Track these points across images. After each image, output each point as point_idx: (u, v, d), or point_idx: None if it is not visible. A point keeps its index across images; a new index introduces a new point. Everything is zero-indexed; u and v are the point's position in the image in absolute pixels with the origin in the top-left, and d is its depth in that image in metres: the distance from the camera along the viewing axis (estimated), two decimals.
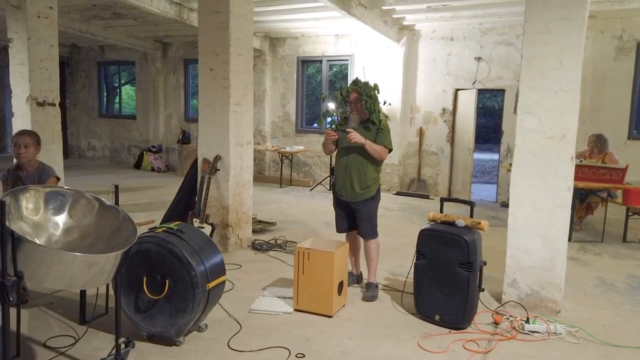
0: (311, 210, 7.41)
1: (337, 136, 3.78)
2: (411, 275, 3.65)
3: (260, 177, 10.41)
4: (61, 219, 2.47)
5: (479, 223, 3.35)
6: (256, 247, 5.12)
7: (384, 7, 7.68)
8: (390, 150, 3.87)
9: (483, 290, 3.47)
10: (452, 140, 8.89)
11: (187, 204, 5.04)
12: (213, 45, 4.73)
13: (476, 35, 8.49)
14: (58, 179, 3.75)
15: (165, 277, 2.78)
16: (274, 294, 3.78)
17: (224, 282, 3.03)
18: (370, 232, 3.93)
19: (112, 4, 8.01)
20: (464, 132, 8.48)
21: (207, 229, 4.60)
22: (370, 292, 3.89)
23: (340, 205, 4.01)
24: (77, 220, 2.52)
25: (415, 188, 9.19)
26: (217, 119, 4.79)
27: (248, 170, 5.09)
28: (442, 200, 3.77)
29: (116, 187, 2.62)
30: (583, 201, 6.34)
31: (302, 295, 3.47)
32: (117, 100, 13.97)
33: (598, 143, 6.39)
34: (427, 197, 8.85)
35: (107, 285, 3.08)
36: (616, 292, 4.22)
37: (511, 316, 3.49)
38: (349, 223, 4.02)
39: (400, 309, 3.66)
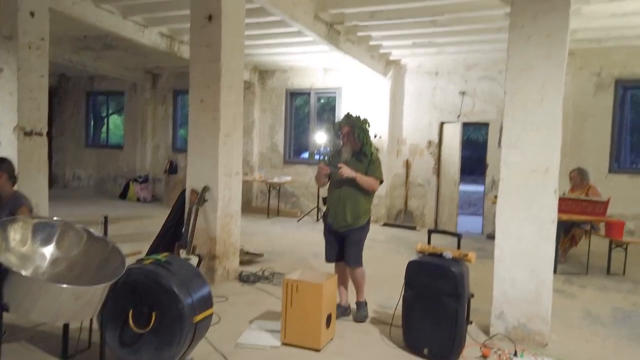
0: (299, 241, 7.39)
1: (329, 170, 3.93)
2: (399, 308, 3.64)
3: (247, 208, 10.36)
4: (49, 250, 2.44)
5: (467, 255, 3.37)
6: (243, 279, 5.07)
7: (371, 43, 7.90)
8: (381, 182, 4.01)
9: (471, 322, 3.47)
10: (438, 172, 9.01)
11: (174, 234, 5.00)
12: (204, 77, 4.80)
13: (460, 70, 8.74)
14: (30, 209, 3.63)
15: (152, 310, 2.74)
16: (261, 327, 3.73)
17: (211, 315, 3.00)
18: (356, 260, 4.03)
19: (103, 35, 8.10)
20: (449, 164, 8.61)
21: (193, 261, 4.54)
22: (360, 312, 4.06)
23: (331, 234, 4.09)
24: (65, 251, 2.49)
25: (402, 219, 9.23)
26: (207, 149, 4.81)
27: (236, 201, 5.09)
28: (430, 231, 3.80)
29: (105, 218, 2.61)
30: (567, 233, 6.42)
31: (290, 328, 3.43)
32: (104, 129, 13.96)
33: (580, 176, 6.53)
34: (414, 228, 8.89)
35: (90, 319, 3.01)
36: (602, 324, 4.24)
37: (499, 349, 3.48)
38: (339, 252, 4.08)
39: (389, 342, 3.63)
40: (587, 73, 7.78)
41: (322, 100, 16.45)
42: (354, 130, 3.94)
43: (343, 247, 4.05)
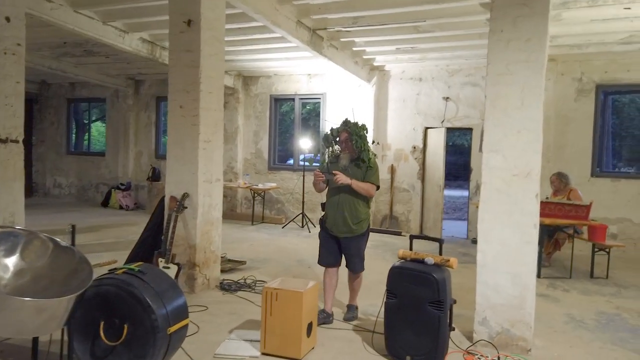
0: (283, 248, 7.31)
1: (324, 177, 3.97)
2: (382, 315, 3.59)
3: (232, 215, 10.27)
4: (12, 261, 2.34)
5: (448, 260, 3.33)
6: (224, 287, 4.98)
7: (354, 48, 7.89)
8: (378, 187, 4.10)
9: (454, 329, 3.43)
10: (422, 177, 9.00)
11: (154, 243, 4.89)
12: (183, 83, 4.72)
13: (444, 76, 8.77)
14: None
15: (124, 322, 2.64)
16: (241, 337, 3.64)
17: (186, 325, 2.91)
18: (360, 267, 4.16)
19: (83, 41, 8.00)
20: (434, 170, 8.61)
21: (173, 270, 4.45)
22: (350, 313, 4.19)
23: (330, 238, 4.12)
24: (29, 262, 2.39)
25: (388, 225, 9.20)
26: (186, 156, 4.73)
27: (217, 208, 5.00)
28: (412, 237, 3.76)
29: (73, 227, 2.51)
30: (551, 237, 6.44)
31: (270, 337, 3.35)
32: (86, 137, 13.77)
33: (560, 181, 6.56)
34: (399, 233, 8.86)
35: (62, 331, 2.91)
36: (586, 328, 4.23)
37: (482, 356, 3.44)
38: (336, 258, 4.15)
39: (371, 350, 3.57)
40: (568, 78, 7.85)
41: (308, 107, 16.45)
42: (351, 137, 4.00)
43: (340, 252, 4.13)
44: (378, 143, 9.01)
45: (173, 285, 2.92)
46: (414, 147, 9.05)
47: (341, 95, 9.51)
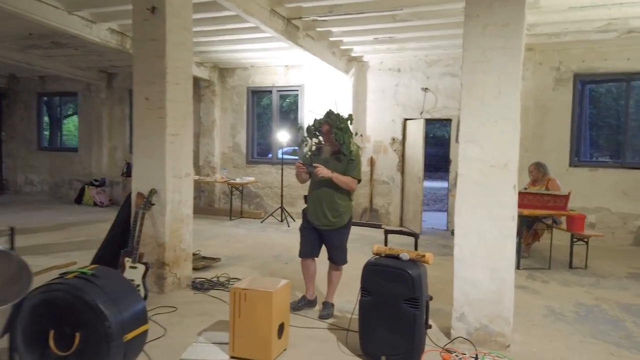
0: (261, 244, 7.13)
1: (306, 169, 3.96)
2: (357, 312, 3.45)
3: (210, 210, 10.06)
4: None
5: (424, 256, 3.21)
6: (196, 286, 4.79)
7: (331, 39, 7.71)
8: (359, 181, 4.05)
9: (430, 327, 3.31)
10: (402, 169, 8.90)
11: (121, 242, 4.67)
12: (149, 74, 4.50)
13: (422, 66, 8.65)
14: None
15: (76, 330, 2.45)
16: (209, 340, 3.47)
17: (145, 331, 2.73)
18: (342, 259, 4.13)
19: (50, 33, 7.66)
20: (413, 161, 8.50)
21: (140, 269, 4.25)
22: (325, 310, 4.08)
23: (312, 230, 4.12)
24: None
25: (368, 218, 9.08)
26: (153, 150, 4.51)
27: (187, 204, 4.80)
28: (386, 232, 3.62)
29: (12, 229, 2.31)
30: (530, 228, 6.39)
31: (239, 340, 3.19)
32: (61, 132, 13.38)
33: (538, 170, 6.50)
34: (379, 226, 8.73)
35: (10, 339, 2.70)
36: (565, 321, 4.16)
37: (460, 354, 3.33)
38: (316, 249, 4.16)
39: (346, 350, 3.43)
40: (546, 68, 7.79)
41: (289, 100, 16.23)
42: (331, 130, 3.95)
43: (321, 243, 4.13)
44: (361, 135, 8.87)
45: (130, 289, 2.73)
46: (393, 139, 8.93)
47: (319, 87, 9.34)
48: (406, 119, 8.82)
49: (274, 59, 9.28)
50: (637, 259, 6.57)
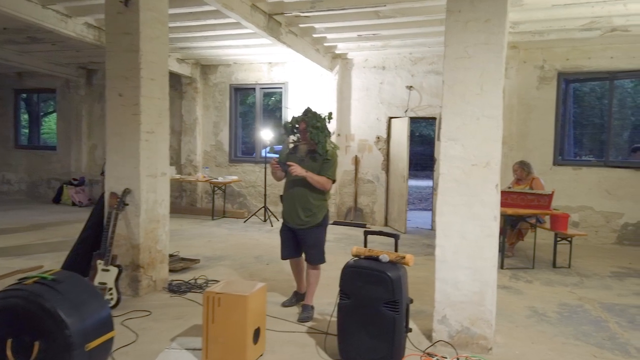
0: (242, 244, 6.99)
1: (280, 168, 3.91)
2: (335, 315, 3.34)
3: (192, 210, 9.89)
4: None
5: (404, 257, 3.11)
6: (173, 289, 4.64)
7: (314, 35, 7.58)
8: (334, 181, 3.99)
9: (410, 330, 3.21)
10: (387, 168, 8.82)
11: (94, 243, 4.51)
12: (122, 69, 4.34)
13: (407, 64, 8.57)
14: None
15: (35, 339, 2.31)
16: (183, 346, 3.34)
17: (111, 339, 2.59)
18: (318, 259, 4.04)
19: (25, 27, 7.44)
20: (398, 160, 8.43)
21: (113, 272, 4.09)
22: (305, 313, 3.99)
23: (288, 231, 4.09)
24: None
25: (352, 217, 8.99)
26: (127, 148, 4.35)
27: (163, 204, 4.65)
28: (366, 233, 3.52)
29: None
30: (514, 227, 6.34)
31: (213, 346, 3.06)
32: (42, 129, 13.11)
33: (522, 169, 6.47)
34: (363, 226, 8.66)
35: None
36: (548, 322, 4.10)
37: (441, 358, 3.24)
38: (295, 250, 4.12)
39: (324, 355, 3.32)
40: (530, 66, 7.76)
41: (274, 97, 16.07)
42: (307, 128, 3.90)
43: (299, 244, 4.07)
44: (339, 134, 8.76)
45: (95, 295, 2.59)
46: (378, 138, 8.85)
47: (303, 84, 9.22)
48: (391, 118, 8.74)
49: (257, 56, 9.13)
50: (620, 258, 6.57)
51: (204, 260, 5.90)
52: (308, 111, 3.96)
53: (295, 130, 4.03)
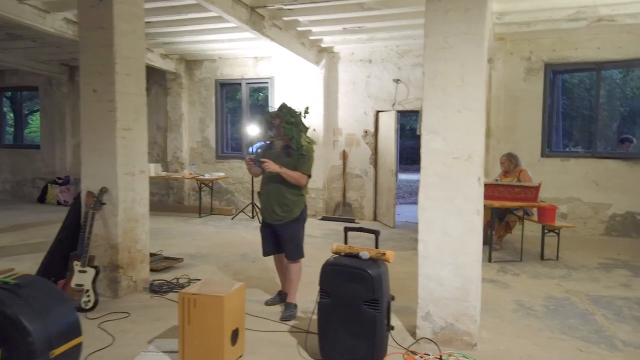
0: (228, 242, 6.90)
1: (254, 164, 3.85)
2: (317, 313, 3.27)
3: (179, 208, 9.77)
4: None
5: (384, 254, 3.03)
6: (154, 289, 4.55)
7: (299, 28, 7.47)
8: (309, 177, 3.93)
9: (393, 328, 3.14)
10: (375, 162, 8.75)
11: (72, 244, 4.39)
12: (96, 64, 4.21)
13: (394, 57, 8.48)
14: None
15: None
16: (160, 348, 3.25)
17: (79, 345, 2.49)
18: (295, 254, 3.99)
19: (3, 23, 7.25)
20: (386, 154, 8.35)
21: (90, 273, 3.99)
22: (287, 312, 3.94)
23: (266, 227, 4.06)
24: None
25: (341, 212, 8.92)
26: (103, 146, 4.24)
27: (142, 202, 4.54)
28: (346, 229, 3.44)
29: None
30: (502, 220, 6.30)
31: (189, 349, 2.98)
32: (27, 128, 12.90)
33: (510, 161, 6.42)
34: (352, 221, 8.60)
35: None
36: (534, 316, 4.05)
37: (424, 355, 3.17)
38: (275, 246, 4.07)
39: (306, 355, 3.24)
40: (517, 57, 7.70)
41: (263, 93, 15.90)
42: (281, 124, 3.86)
43: (279, 240, 4.03)
44: (315, 130, 8.63)
45: (61, 299, 2.49)
46: (366, 132, 8.76)
47: (290, 79, 9.10)
48: (378, 111, 8.66)
49: (243, 50, 9.00)
50: (608, 249, 6.55)
51: (188, 259, 5.80)
52: (283, 107, 3.93)
53: (271, 127, 3.99)
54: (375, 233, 3.26)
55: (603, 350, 3.39)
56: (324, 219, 8.76)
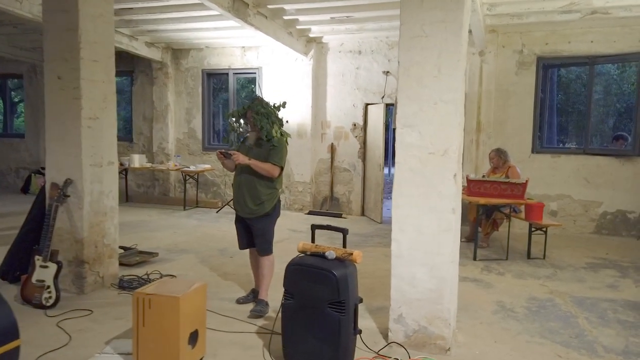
0: (209, 236, 6.73)
1: (225, 158, 3.76)
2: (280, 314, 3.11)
3: (164, 200, 9.59)
4: None
5: (351, 254, 2.87)
6: (123, 285, 4.37)
7: (285, 17, 7.26)
8: (281, 168, 3.83)
9: (360, 332, 2.98)
10: (364, 156, 8.57)
11: (37, 237, 4.22)
12: (61, 50, 4.02)
13: (383, 48, 8.28)
14: None
15: None
16: (116, 350, 3.09)
17: (16, 348, 2.32)
18: (264, 249, 3.90)
19: None
20: (374, 148, 8.17)
21: (52, 268, 3.82)
22: (258, 307, 3.83)
23: (239, 221, 3.98)
24: None
25: (328, 207, 8.75)
26: (67, 135, 4.05)
27: (111, 195, 4.35)
28: (314, 227, 3.27)
29: None
30: (489, 217, 6.15)
31: (144, 352, 2.81)
32: (19, 117, 12.66)
33: (499, 157, 6.25)
34: (340, 215, 8.44)
35: None
36: (514, 318, 3.90)
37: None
38: (249, 239, 3.97)
39: (269, 358, 3.09)
40: (509, 51, 7.50)
41: (253, 84, 15.67)
42: (252, 115, 3.79)
43: (252, 235, 3.94)
44: (287, 122, 8.42)
45: None
46: (354, 125, 8.57)
47: (278, 69, 8.88)
48: (367, 104, 8.46)
49: (230, 39, 8.77)
50: (597, 248, 6.40)
51: (164, 253, 5.63)
52: (255, 98, 3.89)
53: (243, 119, 3.92)
54: (343, 232, 3.09)
55: (583, 356, 3.24)
56: (310, 213, 8.59)
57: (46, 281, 3.80)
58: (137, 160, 8.98)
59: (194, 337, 2.91)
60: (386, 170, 9.16)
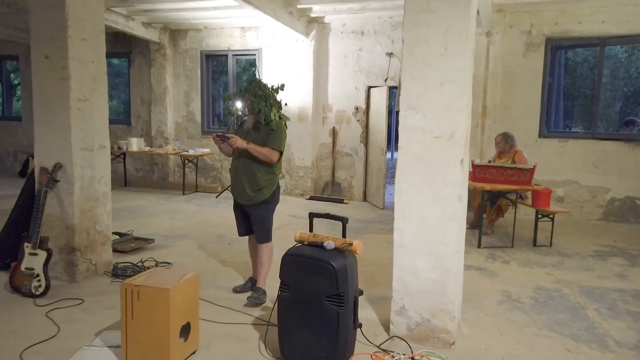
0: (208, 222, 6.60)
1: (222, 141, 3.58)
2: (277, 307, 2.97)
3: (163, 184, 9.45)
4: None
5: (351, 244, 2.71)
6: (117, 273, 4.25)
7: None
8: (281, 153, 3.69)
9: (360, 325, 2.84)
10: (366, 140, 8.38)
11: (27, 223, 4.08)
12: (47, 28, 3.83)
13: (387, 29, 8.03)
14: None
15: None
16: (105, 342, 2.96)
17: None
18: (263, 236, 3.78)
19: None
20: (377, 132, 7.98)
21: (41, 256, 3.68)
22: (255, 294, 3.72)
23: (238, 208, 3.85)
24: None
25: (330, 192, 8.60)
26: (56, 118, 3.88)
27: (103, 180, 4.20)
28: (311, 215, 3.12)
29: None
30: (494, 204, 5.98)
31: (133, 345, 2.68)
32: (16, 100, 12.44)
33: (505, 142, 6.06)
34: (341, 201, 8.29)
35: None
36: (521, 309, 3.76)
37: (395, 354, 2.88)
38: (248, 226, 3.87)
39: (265, 353, 2.95)
40: (517, 31, 7.25)
41: (254, 69, 15.38)
42: (249, 97, 3.64)
43: (250, 221, 3.83)
44: (286, 104, 8.23)
45: None
46: (357, 108, 8.37)
47: (278, 51, 8.65)
48: (370, 87, 8.24)
49: (229, 20, 8.52)
50: (604, 235, 6.24)
51: (161, 239, 5.51)
52: (252, 81, 3.70)
53: (240, 102, 3.80)
54: (343, 220, 2.93)
55: (593, 351, 3.10)
56: (311, 198, 8.44)
57: (35, 269, 3.67)
58: (136, 144, 8.82)
59: (185, 330, 2.77)
60: (389, 155, 8.95)
